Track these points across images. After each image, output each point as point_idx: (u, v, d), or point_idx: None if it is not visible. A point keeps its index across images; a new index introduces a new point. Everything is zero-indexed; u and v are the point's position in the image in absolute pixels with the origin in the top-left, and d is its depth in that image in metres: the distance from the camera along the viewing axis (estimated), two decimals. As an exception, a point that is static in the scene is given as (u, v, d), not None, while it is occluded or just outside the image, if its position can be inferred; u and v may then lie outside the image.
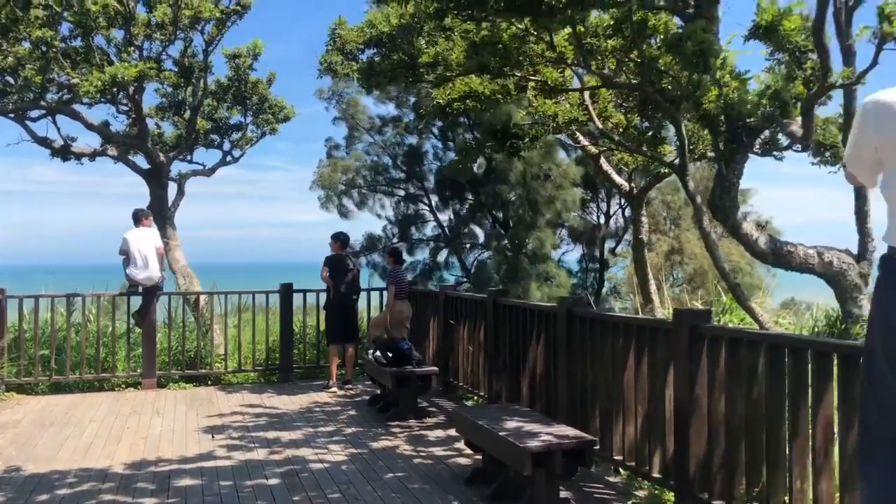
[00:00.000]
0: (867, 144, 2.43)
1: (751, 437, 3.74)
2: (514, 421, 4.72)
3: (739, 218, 5.63)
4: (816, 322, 7.37)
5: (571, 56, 6.36)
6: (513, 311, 6.33)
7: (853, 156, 2.52)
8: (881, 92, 2.43)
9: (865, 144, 2.44)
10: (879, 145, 2.39)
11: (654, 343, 4.50)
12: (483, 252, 22.62)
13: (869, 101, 2.42)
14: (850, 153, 2.54)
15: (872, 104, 2.40)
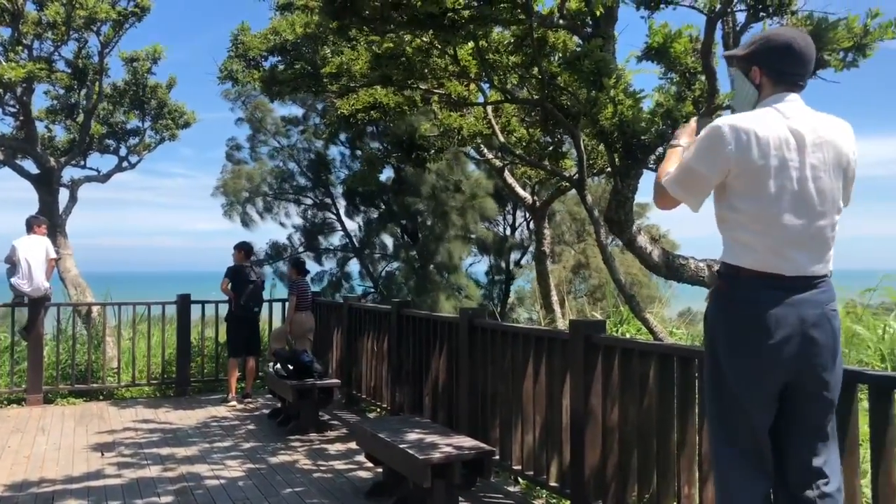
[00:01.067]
0: (719, 168, 2.50)
1: (642, 444, 3.86)
2: (414, 433, 4.71)
3: (634, 231, 5.80)
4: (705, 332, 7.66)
5: (475, 70, 6.44)
6: (416, 323, 6.33)
7: (690, 179, 2.57)
8: (733, 118, 2.55)
9: (717, 168, 2.50)
10: (736, 171, 2.48)
11: (552, 353, 4.59)
12: (392, 263, 22.56)
13: (726, 126, 2.49)
14: (686, 176, 2.58)
15: (732, 129, 2.47)
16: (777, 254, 2.48)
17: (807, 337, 2.47)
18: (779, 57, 2.60)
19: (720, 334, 2.55)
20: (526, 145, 8.20)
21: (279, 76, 6.44)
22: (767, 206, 2.47)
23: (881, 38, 4.28)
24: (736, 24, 5.41)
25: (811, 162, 2.49)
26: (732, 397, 2.53)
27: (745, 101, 2.69)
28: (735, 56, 2.73)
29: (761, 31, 2.82)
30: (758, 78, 2.64)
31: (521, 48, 6.14)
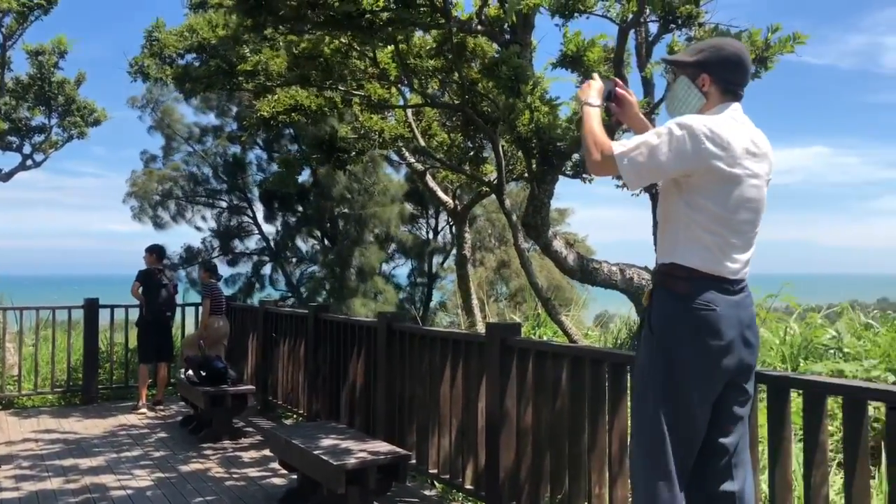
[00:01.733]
0: (687, 165, 2.49)
1: (555, 446, 3.91)
2: (329, 438, 4.65)
3: (550, 236, 5.89)
4: (618, 334, 7.89)
5: (394, 73, 6.42)
6: (334, 327, 6.26)
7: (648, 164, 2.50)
8: (708, 119, 2.53)
9: (684, 165, 2.48)
10: (703, 171, 2.49)
11: (469, 356, 4.60)
12: (310, 267, 22.30)
13: (705, 128, 2.47)
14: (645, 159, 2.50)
15: (710, 131, 2.47)
16: (726, 256, 2.54)
17: (744, 338, 2.56)
18: (731, 67, 2.64)
19: (678, 336, 2.52)
20: (447, 149, 8.23)
21: (193, 72, 6.27)
22: (727, 210, 2.53)
23: (781, 52, 4.49)
24: (649, 34, 5.57)
25: (758, 171, 2.58)
26: (687, 403, 2.52)
27: (687, 107, 2.70)
28: (683, 62, 2.72)
29: (709, 40, 2.84)
30: (706, 86, 2.66)
31: (441, 53, 6.16)
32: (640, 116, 2.97)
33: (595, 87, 2.82)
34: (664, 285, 2.60)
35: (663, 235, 2.66)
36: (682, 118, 2.54)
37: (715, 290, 2.52)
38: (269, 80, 6.50)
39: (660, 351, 2.56)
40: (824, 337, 6.52)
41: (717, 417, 2.59)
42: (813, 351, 6.35)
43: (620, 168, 2.57)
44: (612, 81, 2.94)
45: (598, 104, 2.78)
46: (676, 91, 2.74)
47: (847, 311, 7.65)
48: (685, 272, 2.54)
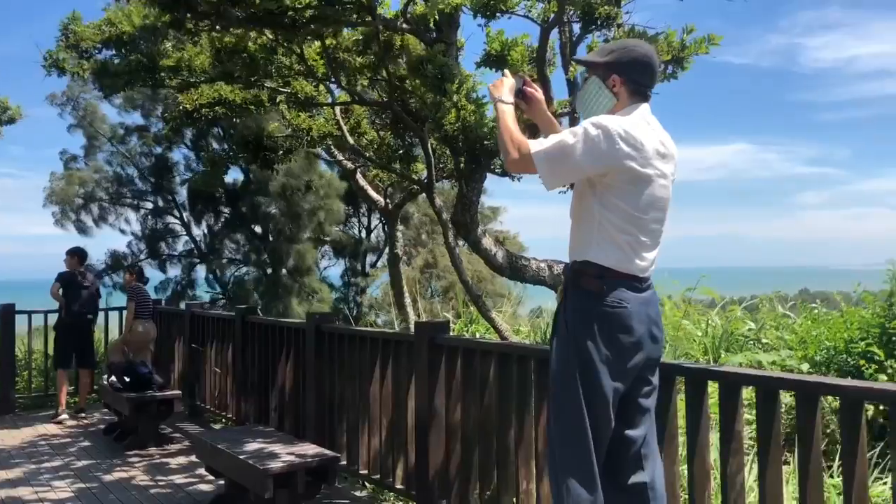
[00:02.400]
0: (602, 164, 2.51)
1: (483, 442, 3.93)
2: (257, 442, 4.58)
3: (480, 234, 5.92)
4: (547, 329, 7.99)
5: (322, 70, 6.34)
6: (262, 329, 6.16)
7: (564, 164, 2.53)
8: (622, 120, 2.56)
9: (599, 164, 2.51)
10: (617, 171, 2.52)
11: (399, 356, 4.59)
12: (242, 267, 21.91)
13: (619, 128, 2.50)
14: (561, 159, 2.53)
15: (625, 132, 2.50)
16: (637, 255, 2.60)
17: (651, 333, 2.63)
18: (641, 68, 2.69)
19: (591, 332, 2.55)
20: (377, 148, 8.17)
21: (112, 67, 6.06)
22: (638, 210, 2.57)
23: (697, 53, 4.61)
24: (572, 34, 5.64)
25: (666, 172, 2.64)
26: (601, 396, 2.55)
27: (598, 107, 2.72)
28: (594, 62, 2.75)
29: (618, 41, 2.88)
30: (616, 86, 2.69)
31: (369, 50, 6.11)
32: (548, 114, 3.02)
33: (507, 84, 2.84)
34: (577, 283, 2.63)
35: (577, 234, 2.70)
36: (598, 118, 2.57)
37: (626, 287, 2.57)
38: (193, 76, 6.34)
39: (574, 347, 2.59)
40: (744, 328, 6.74)
41: (624, 410, 2.65)
42: (733, 342, 6.56)
43: (538, 166, 2.59)
44: (522, 78, 2.97)
45: (510, 101, 2.80)
46: (588, 91, 2.77)
47: (765, 303, 7.93)
48: (598, 270, 2.58)
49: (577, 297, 2.62)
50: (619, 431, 2.64)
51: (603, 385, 2.56)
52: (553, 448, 2.67)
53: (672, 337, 6.54)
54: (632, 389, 2.65)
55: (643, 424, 2.69)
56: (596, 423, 2.56)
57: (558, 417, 2.64)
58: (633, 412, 2.67)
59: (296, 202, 20.30)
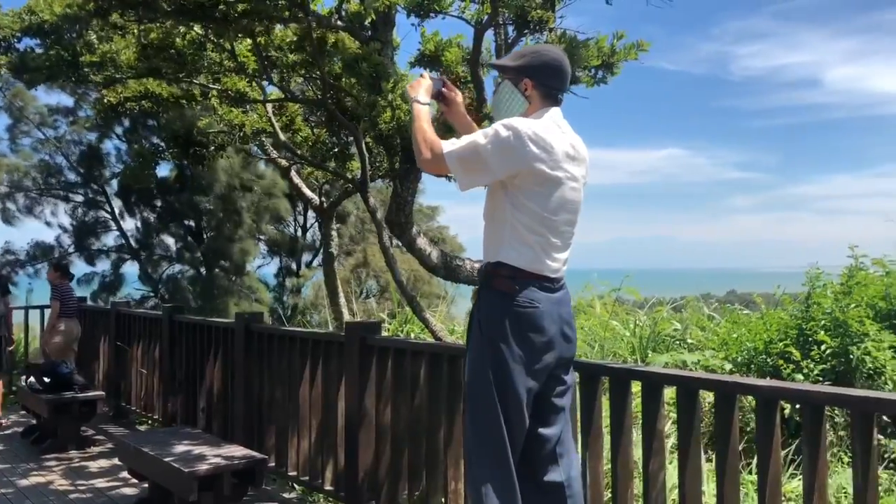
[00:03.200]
0: (512, 167, 2.54)
1: (413, 443, 3.93)
2: (183, 444, 4.48)
3: (414, 233, 5.91)
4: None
5: (253, 67, 6.24)
6: (191, 329, 6.03)
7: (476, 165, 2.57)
8: (532, 123, 2.59)
9: (509, 167, 2.54)
10: (527, 173, 2.55)
11: (329, 356, 4.55)
12: (175, 265, 21.38)
13: (529, 130, 2.54)
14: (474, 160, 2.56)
15: (535, 134, 2.53)
16: (548, 256, 2.63)
17: (563, 333, 2.67)
18: (552, 73, 2.73)
19: (504, 333, 2.56)
20: (312, 145, 8.08)
21: (32, 61, 5.83)
22: (549, 212, 2.61)
23: (626, 59, 4.70)
24: (507, 36, 5.68)
25: (577, 174, 2.68)
26: (516, 396, 2.57)
27: (511, 110, 2.75)
28: (506, 66, 2.79)
29: (530, 46, 2.92)
30: (528, 90, 2.72)
31: (302, 47, 6.04)
32: (467, 117, 3.06)
33: (424, 85, 2.86)
34: (490, 284, 2.65)
35: (489, 235, 2.73)
36: (509, 120, 2.60)
37: (537, 288, 2.61)
38: (119, 72, 6.16)
39: (488, 347, 2.61)
40: (670, 329, 6.91)
41: (538, 409, 2.68)
42: (660, 342, 6.71)
43: (450, 166, 2.64)
44: (441, 79, 2.99)
45: (427, 102, 2.82)
46: (501, 95, 2.81)
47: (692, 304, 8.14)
48: (510, 271, 2.61)
49: (490, 298, 2.65)
50: (533, 430, 2.67)
51: (516, 385, 2.58)
52: (470, 452, 2.68)
53: (601, 336, 6.67)
54: (545, 388, 2.69)
55: (557, 423, 2.72)
56: (511, 424, 2.59)
57: (474, 420, 2.65)
58: (547, 411, 2.71)
59: (234, 200, 19.93)
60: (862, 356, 5.72)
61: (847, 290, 6.64)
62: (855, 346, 5.77)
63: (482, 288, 2.70)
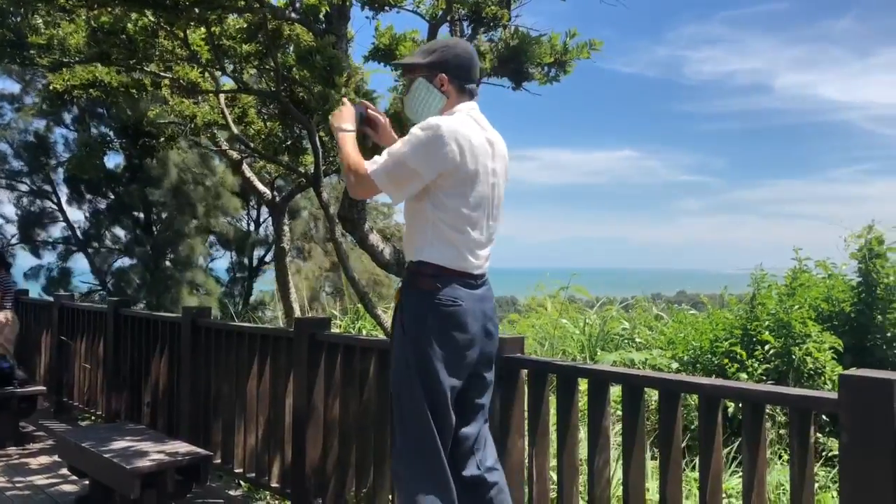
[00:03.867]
0: (437, 168, 2.53)
1: (361, 439, 3.90)
2: (126, 440, 4.38)
3: (367, 229, 5.87)
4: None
5: (206, 56, 6.13)
6: (136, 323, 5.91)
7: (403, 175, 2.54)
8: (448, 121, 2.57)
9: (435, 169, 2.52)
10: (449, 172, 2.55)
11: (278, 352, 4.50)
12: (124, 258, 20.95)
13: (447, 129, 2.52)
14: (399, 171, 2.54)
15: (452, 132, 2.51)
16: (471, 253, 2.62)
17: (486, 329, 2.68)
18: (465, 66, 2.72)
19: (428, 331, 2.55)
20: (264, 138, 7.98)
21: (-28, 44, 5.64)
22: (471, 209, 2.60)
23: (579, 57, 4.74)
24: (463, 33, 5.68)
25: (498, 170, 2.68)
26: (442, 394, 2.57)
27: (429, 108, 2.71)
28: (418, 64, 2.74)
29: (437, 40, 2.87)
30: (445, 85, 2.70)
31: (255, 37, 5.95)
32: (395, 136, 3.00)
33: (347, 113, 2.84)
34: (413, 283, 2.63)
35: (411, 235, 2.72)
36: (426, 122, 2.57)
37: (460, 285, 2.61)
38: (67, 55, 5.99)
39: (413, 347, 2.59)
40: (619, 328, 7.00)
41: (460, 407, 2.68)
42: (609, 341, 6.79)
43: (379, 184, 2.60)
44: (363, 105, 2.96)
45: (351, 129, 2.79)
46: (416, 94, 2.76)
47: (640, 304, 8.27)
48: (433, 269, 2.60)
49: (413, 298, 2.62)
50: (455, 430, 2.66)
51: (442, 383, 2.57)
52: (400, 457, 2.62)
53: (550, 335, 6.72)
54: (467, 386, 2.69)
55: (477, 421, 2.73)
56: (439, 424, 2.57)
57: (403, 423, 2.61)
58: (468, 409, 2.71)
59: (185, 192, 19.61)
60: (803, 356, 5.87)
61: (791, 291, 6.81)
62: (797, 347, 5.92)
63: (405, 288, 2.67)
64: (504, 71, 4.62)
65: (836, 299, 6.77)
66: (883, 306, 6.40)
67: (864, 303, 6.54)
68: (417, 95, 2.74)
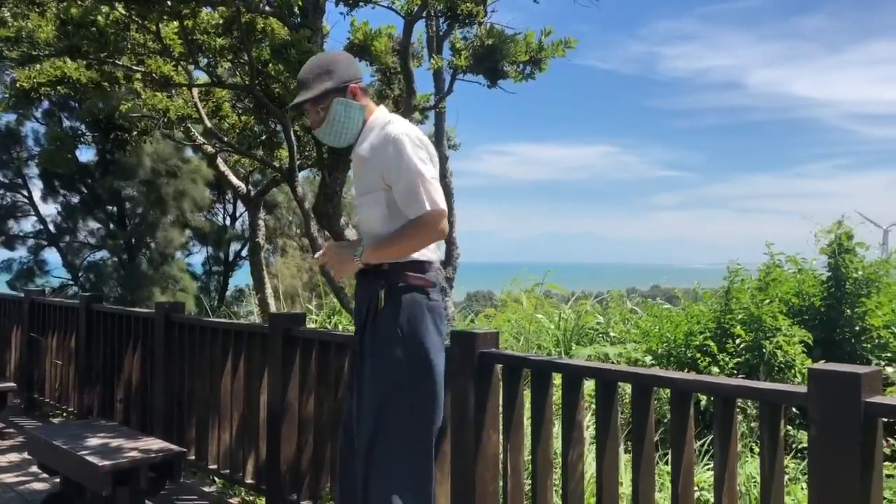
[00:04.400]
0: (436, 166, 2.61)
1: (336, 435, 3.89)
2: (98, 437, 4.33)
3: (342, 224, 5.86)
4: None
5: (179, 50, 6.07)
6: (109, 319, 5.84)
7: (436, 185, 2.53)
8: (410, 126, 2.60)
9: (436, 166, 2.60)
10: None
11: (252, 348, 4.47)
12: (97, 252, 20.73)
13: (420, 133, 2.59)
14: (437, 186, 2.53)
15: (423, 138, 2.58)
16: (438, 248, 2.68)
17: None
18: (357, 68, 2.71)
19: (426, 330, 2.58)
20: (239, 132, 7.93)
21: (-62, 36, 5.55)
22: None
23: (554, 55, 4.75)
24: (440, 29, 5.68)
25: None
26: (442, 392, 2.64)
27: (352, 124, 2.64)
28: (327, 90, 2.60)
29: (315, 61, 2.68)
30: (358, 94, 2.63)
31: (230, 31, 5.90)
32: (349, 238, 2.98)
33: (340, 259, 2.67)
34: (407, 284, 2.60)
35: None
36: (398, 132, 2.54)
37: (439, 280, 2.67)
38: (36, 49, 5.90)
39: (413, 350, 2.58)
40: (593, 322, 7.05)
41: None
42: (584, 335, 6.84)
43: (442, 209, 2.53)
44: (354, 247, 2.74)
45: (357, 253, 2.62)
46: (336, 118, 2.63)
47: (615, 298, 8.34)
48: (422, 267, 2.62)
49: (408, 298, 2.61)
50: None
51: (441, 380, 2.64)
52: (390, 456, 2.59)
53: (526, 329, 6.75)
54: None
55: None
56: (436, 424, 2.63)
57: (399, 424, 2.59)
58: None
59: (159, 186, 19.42)
60: (774, 350, 5.95)
61: (763, 286, 6.89)
62: (767, 341, 6.00)
63: (393, 290, 2.60)
64: (479, 69, 4.62)
65: (807, 294, 6.87)
66: (852, 300, 6.51)
67: (834, 297, 6.64)
68: (338, 118, 2.63)
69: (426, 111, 5.19)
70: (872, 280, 6.58)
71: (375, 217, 2.63)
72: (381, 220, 2.62)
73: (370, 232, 2.66)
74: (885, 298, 6.52)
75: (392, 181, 2.53)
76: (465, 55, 4.50)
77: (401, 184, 2.51)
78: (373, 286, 2.63)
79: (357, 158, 2.68)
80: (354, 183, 2.77)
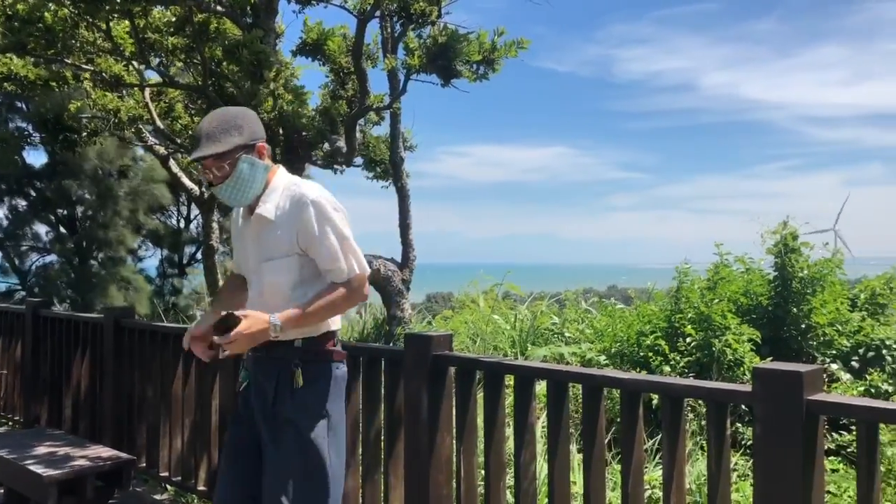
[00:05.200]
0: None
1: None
2: (44, 446, 4.24)
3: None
4: (366, 324, 8.02)
5: (130, 49, 5.97)
6: (56, 324, 5.70)
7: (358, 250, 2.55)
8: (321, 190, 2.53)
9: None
10: None
11: (204, 352, 4.40)
12: (47, 255, 20.23)
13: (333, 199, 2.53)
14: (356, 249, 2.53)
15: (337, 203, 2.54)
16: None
17: None
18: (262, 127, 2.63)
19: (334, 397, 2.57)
20: (192, 134, 7.82)
21: None
22: None
23: (507, 56, 4.78)
24: (394, 30, 5.67)
25: None
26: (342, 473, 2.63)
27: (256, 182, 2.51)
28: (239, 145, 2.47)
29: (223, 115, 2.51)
30: (265, 153, 2.54)
31: (182, 30, 5.82)
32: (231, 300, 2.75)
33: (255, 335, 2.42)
34: (322, 355, 2.56)
35: None
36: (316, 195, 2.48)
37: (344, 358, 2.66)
38: (-20, 45, 5.75)
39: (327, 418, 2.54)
40: (549, 322, 7.11)
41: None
42: (539, 336, 6.89)
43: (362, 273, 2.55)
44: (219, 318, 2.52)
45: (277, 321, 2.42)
46: (241, 175, 2.48)
47: (570, 299, 8.42)
48: (333, 336, 2.61)
49: (322, 369, 2.56)
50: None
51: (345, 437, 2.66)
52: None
53: (482, 331, 6.78)
54: None
55: None
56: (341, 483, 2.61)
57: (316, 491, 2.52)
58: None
59: (109, 187, 19.03)
60: (723, 348, 6.06)
61: (712, 285, 7.01)
62: (717, 339, 6.11)
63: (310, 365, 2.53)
64: (432, 68, 4.63)
65: (755, 293, 7.01)
66: (797, 299, 6.65)
67: (781, 296, 6.79)
68: (242, 176, 2.48)
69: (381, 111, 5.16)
70: (817, 279, 6.74)
71: (286, 283, 2.51)
72: (292, 286, 2.51)
73: (277, 299, 2.50)
74: (830, 297, 6.68)
75: (312, 245, 2.46)
76: (419, 55, 4.50)
77: (323, 248, 2.46)
78: (282, 361, 2.52)
79: (259, 220, 2.51)
80: (249, 246, 2.58)
